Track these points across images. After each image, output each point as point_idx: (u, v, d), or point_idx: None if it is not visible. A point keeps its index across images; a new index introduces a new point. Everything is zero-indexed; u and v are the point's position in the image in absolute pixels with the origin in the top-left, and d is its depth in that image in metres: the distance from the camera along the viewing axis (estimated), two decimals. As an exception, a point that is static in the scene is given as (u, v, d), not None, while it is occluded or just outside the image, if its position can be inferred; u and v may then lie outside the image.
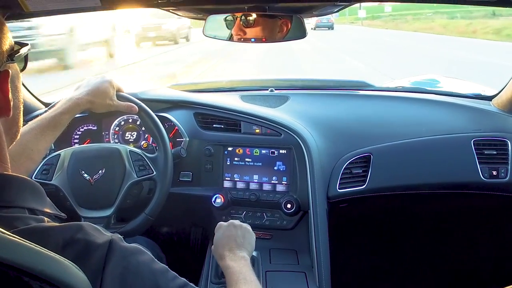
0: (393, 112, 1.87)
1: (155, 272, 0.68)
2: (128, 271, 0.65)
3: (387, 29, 33.25)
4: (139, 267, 0.67)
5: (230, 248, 1.13)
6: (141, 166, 1.40)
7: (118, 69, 11.02)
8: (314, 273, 1.42)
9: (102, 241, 0.64)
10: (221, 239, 1.18)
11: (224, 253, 1.12)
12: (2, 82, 0.68)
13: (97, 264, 0.62)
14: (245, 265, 1.08)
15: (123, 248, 0.67)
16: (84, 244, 0.63)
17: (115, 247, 0.65)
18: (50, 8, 1.15)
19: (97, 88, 1.36)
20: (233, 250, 1.12)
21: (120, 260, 0.64)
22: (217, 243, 1.18)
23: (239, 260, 1.09)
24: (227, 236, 1.18)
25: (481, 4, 1.22)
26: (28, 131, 1.20)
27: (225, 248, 1.14)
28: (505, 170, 1.64)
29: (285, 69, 10.69)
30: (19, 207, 0.65)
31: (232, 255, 1.11)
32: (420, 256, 2.11)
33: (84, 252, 0.62)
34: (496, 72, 4.21)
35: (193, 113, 1.70)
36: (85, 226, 0.66)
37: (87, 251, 0.62)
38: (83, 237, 0.63)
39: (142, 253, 0.70)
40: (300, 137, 1.56)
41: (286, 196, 1.57)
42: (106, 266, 0.62)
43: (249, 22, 1.32)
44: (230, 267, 1.06)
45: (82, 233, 0.64)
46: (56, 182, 1.33)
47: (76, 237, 0.63)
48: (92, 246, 0.63)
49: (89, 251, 0.63)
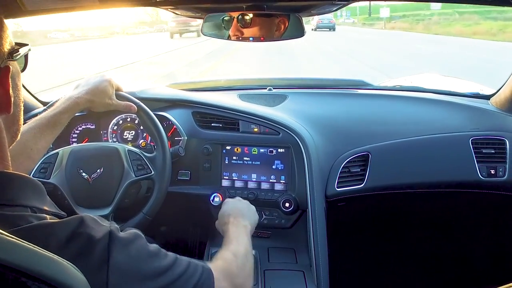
0: (392, 111, 1.87)
1: (151, 254, 0.74)
2: (131, 258, 0.69)
3: (428, 33, 26.24)
4: (139, 252, 0.72)
5: (235, 216, 1.23)
6: (139, 166, 1.40)
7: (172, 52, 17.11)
8: (313, 271, 1.43)
9: (102, 233, 0.67)
10: (227, 210, 1.28)
11: (229, 220, 1.21)
12: (3, 77, 0.68)
13: (101, 256, 0.65)
14: (244, 232, 1.16)
15: (122, 238, 0.70)
16: (86, 238, 0.65)
17: (115, 238, 0.69)
18: (48, 6, 1.15)
19: (96, 87, 1.36)
20: (237, 218, 1.22)
21: (122, 249, 0.68)
22: (223, 214, 1.28)
23: (241, 227, 1.18)
24: (233, 207, 1.29)
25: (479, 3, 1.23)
26: (27, 130, 1.19)
27: (230, 216, 1.23)
28: (503, 168, 1.65)
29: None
30: (22, 205, 0.65)
31: (235, 222, 1.20)
32: (418, 254, 2.12)
33: (87, 246, 0.65)
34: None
35: (191, 112, 1.70)
36: (85, 219, 0.68)
37: (89, 245, 0.65)
38: (84, 231, 0.66)
39: (139, 237, 0.75)
40: (299, 136, 1.56)
41: (285, 195, 1.57)
42: (110, 257, 0.66)
43: (246, 22, 1.32)
44: (229, 230, 1.14)
45: (83, 226, 0.66)
46: (54, 181, 1.33)
47: (78, 231, 0.65)
48: (94, 239, 0.66)
49: (91, 244, 0.65)
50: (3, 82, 0.68)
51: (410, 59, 12.94)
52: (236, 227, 1.17)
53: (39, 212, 0.67)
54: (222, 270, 0.89)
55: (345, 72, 9.82)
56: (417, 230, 2.09)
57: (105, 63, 13.03)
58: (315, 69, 10.86)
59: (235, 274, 0.93)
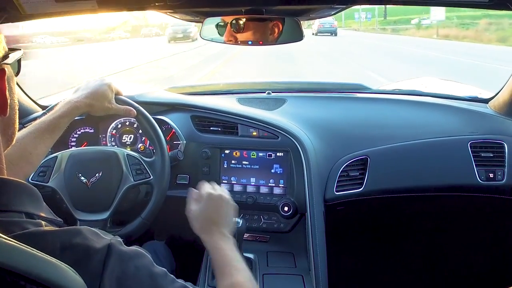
0: (390, 115, 1.87)
1: (154, 276, 0.68)
2: (126, 276, 0.64)
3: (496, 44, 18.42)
4: (137, 271, 0.66)
5: (218, 225, 1.07)
6: (138, 170, 1.40)
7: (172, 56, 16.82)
8: (311, 276, 1.42)
9: (100, 245, 0.64)
10: (210, 212, 1.10)
11: (211, 228, 1.06)
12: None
13: (96, 269, 0.62)
14: (233, 249, 1.03)
15: (122, 252, 0.66)
16: (82, 249, 0.62)
17: (113, 251, 0.65)
18: (46, 10, 1.15)
19: (96, 91, 1.35)
20: (220, 228, 1.06)
21: (118, 264, 0.64)
22: (203, 214, 1.10)
23: (228, 241, 1.04)
24: (216, 211, 1.10)
25: (476, 7, 1.23)
26: (26, 134, 1.19)
27: (212, 223, 1.07)
28: (501, 172, 1.64)
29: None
30: (16, 211, 0.64)
31: (220, 234, 1.05)
32: (417, 258, 2.11)
33: (82, 257, 0.62)
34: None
35: (190, 116, 1.70)
36: (83, 231, 0.65)
37: (85, 256, 0.62)
38: (81, 242, 0.63)
39: (141, 256, 0.69)
40: (297, 140, 1.56)
41: (283, 199, 1.57)
42: (104, 271, 0.62)
43: (239, 27, 1.32)
44: (220, 249, 1.01)
45: (80, 237, 0.63)
46: (53, 185, 1.33)
47: (74, 241, 0.62)
48: (91, 251, 0.62)
49: (87, 255, 0.62)
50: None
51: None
52: (224, 243, 1.03)
53: (34, 218, 0.66)
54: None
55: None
56: (416, 234, 2.08)
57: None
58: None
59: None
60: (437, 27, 27.40)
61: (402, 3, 1.31)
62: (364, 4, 1.36)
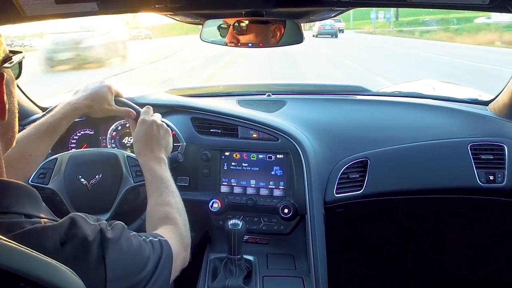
0: (390, 117, 1.87)
1: (136, 245, 0.79)
2: (123, 253, 0.74)
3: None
4: (128, 245, 0.76)
5: (152, 148, 1.20)
6: (138, 172, 1.39)
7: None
8: (311, 278, 1.42)
9: (94, 232, 0.70)
10: (143, 136, 1.22)
11: (145, 152, 1.19)
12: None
13: (97, 255, 0.68)
14: (165, 170, 1.17)
15: (112, 234, 0.74)
16: (80, 239, 0.67)
17: (106, 235, 0.72)
18: (47, 12, 1.16)
19: (96, 93, 1.35)
20: (154, 151, 1.20)
21: (114, 246, 0.72)
22: (138, 139, 1.23)
23: (160, 163, 1.18)
24: (149, 134, 1.22)
25: (476, 9, 1.23)
26: (26, 136, 1.19)
27: (146, 146, 1.20)
28: (501, 174, 1.64)
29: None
30: (16, 213, 0.65)
31: (153, 156, 1.18)
32: (417, 261, 2.11)
33: (81, 248, 0.67)
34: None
35: (190, 118, 1.70)
36: (76, 219, 0.70)
37: (84, 246, 0.67)
38: (77, 232, 0.68)
39: (124, 229, 0.79)
40: (297, 142, 1.56)
41: (283, 201, 1.57)
42: (105, 254, 0.69)
43: (242, 29, 1.32)
44: (151, 170, 1.15)
45: (75, 227, 0.68)
46: (53, 186, 1.33)
47: (71, 232, 0.67)
48: (88, 240, 0.68)
49: (85, 245, 0.67)
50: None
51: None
52: (156, 164, 1.16)
53: (33, 218, 0.67)
54: (175, 238, 0.95)
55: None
56: (416, 236, 2.08)
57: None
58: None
59: (183, 235, 0.99)
60: (500, 31, 20.21)
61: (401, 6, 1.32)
62: (363, 7, 1.36)
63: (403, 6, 1.35)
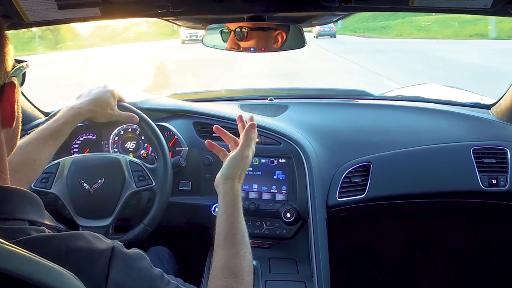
0: (393, 121, 1.87)
1: (153, 277, 0.71)
2: (131, 278, 0.67)
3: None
4: (140, 272, 0.69)
5: (240, 178, 1.09)
6: (140, 177, 1.40)
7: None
8: (314, 282, 1.41)
9: (104, 248, 0.66)
10: (240, 161, 1.11)
11: (234, 178, 1.07)
12: (10, 93, 0.68)
13: (101, 271, 0.64)
14: (242, 218, 1.03)
15: (125, 254, 0.68)
16: (86, 253, 0.64)
17: (117, 254, 0.67)
18: (50, 18, 1.16)
19: (99, 98, 1.36)
20: (240, 181, 1.09)
21: (123, 267, 0.66)
22: (236, 164, 1.10)
23: (240, 202, 1.05)
24: (246, 164, 1.12)
25: (478, 13, 1.23)
26: (30, 141, 1.19)
27: (237, 174, 1.08)
28: (504, 178, 1.64)
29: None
30: (20, 219, 0.65)
31: (238, 185, 1.07)
32: (420, 265, 2.10)
33: (87, 260, 0.63)
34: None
35: (193, 122, 1.70)
36: (86, 235, 0.66)
37: (90, 259, 0.63)
38: (85, 245, 0.64)
39: (143, 258, 0.72)
40: (300, 146, 1.56)
41: (286, 205, 1.57)
42: (109, 273, 0.64)
43: (243, 35, 1.33)
44: (238, 197, 1.04)
45: (83, 241, 0.65)
46: (55, 191, 1.33)
47: (78, 245, 0.64)
48: (95, 254, 0.64)
49: (92, 258, 0.64)
50: (10, 97, 0.68)
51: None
52: (238, 194, 1.04)
53: (38, 225, 0.66)
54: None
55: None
56: (419, 240, 2.08)
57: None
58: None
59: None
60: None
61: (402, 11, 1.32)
62: (365, 11, 1.36)
63: (405, 11, 1.35)
